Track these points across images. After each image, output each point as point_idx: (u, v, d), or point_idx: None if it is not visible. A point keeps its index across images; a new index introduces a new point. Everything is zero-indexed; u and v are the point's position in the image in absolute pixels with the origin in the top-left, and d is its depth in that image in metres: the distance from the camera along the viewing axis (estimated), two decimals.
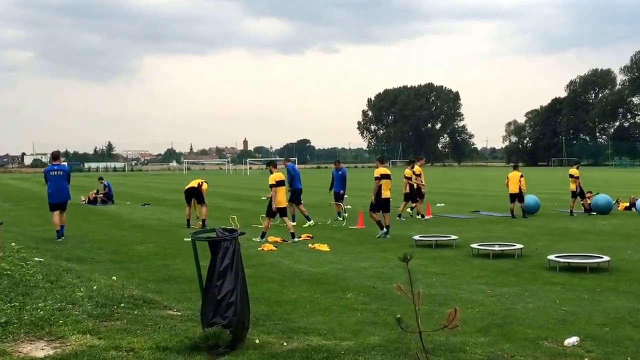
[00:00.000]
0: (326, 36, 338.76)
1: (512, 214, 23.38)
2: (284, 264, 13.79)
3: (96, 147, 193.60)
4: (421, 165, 24.91)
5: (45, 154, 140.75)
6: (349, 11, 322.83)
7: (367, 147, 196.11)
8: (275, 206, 17.56)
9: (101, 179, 35.84)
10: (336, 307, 9.50)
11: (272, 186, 17.54)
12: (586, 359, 6.87)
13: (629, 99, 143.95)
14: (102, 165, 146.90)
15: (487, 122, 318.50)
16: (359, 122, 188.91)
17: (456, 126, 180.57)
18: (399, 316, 5.06)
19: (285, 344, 7.17)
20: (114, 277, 11.27)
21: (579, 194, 25.01)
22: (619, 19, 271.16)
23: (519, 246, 14.68)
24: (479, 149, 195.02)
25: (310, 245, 16.41)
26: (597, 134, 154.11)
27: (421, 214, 23.50)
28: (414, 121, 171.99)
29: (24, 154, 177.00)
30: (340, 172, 23.95)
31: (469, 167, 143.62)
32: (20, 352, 6.48)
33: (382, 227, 18.02)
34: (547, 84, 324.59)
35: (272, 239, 17.36)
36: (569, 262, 12.66)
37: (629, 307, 9.24)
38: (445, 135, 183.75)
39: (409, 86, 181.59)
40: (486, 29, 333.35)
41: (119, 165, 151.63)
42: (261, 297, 9.99)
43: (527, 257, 14.21)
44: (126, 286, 9.90)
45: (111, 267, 13.24)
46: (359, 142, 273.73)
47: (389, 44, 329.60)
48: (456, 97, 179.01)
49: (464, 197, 33.63)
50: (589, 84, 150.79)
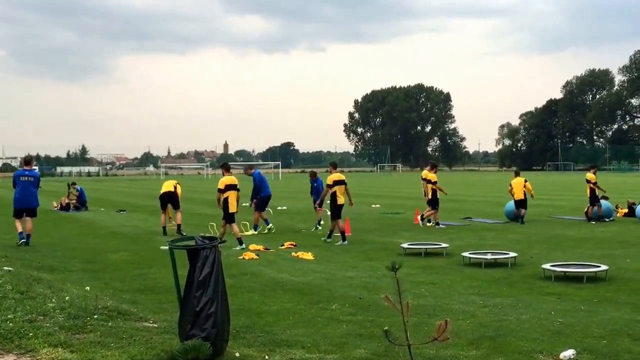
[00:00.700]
0: (312, 34, 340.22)
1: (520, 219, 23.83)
2: (266, 273, 13.77)
3: (69, 151, 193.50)
4: (435, 172, 24.97)
5: (15, 158, 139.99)
6: (336, 8, 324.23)
7: (354, 151, 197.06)
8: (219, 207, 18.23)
9: (74, 184, 35.73)
10: (320, 318, 9.48)
11: (219, 191, 18.06)
12: None
13: (628, 101, 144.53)
14: (75, 169, 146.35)
15: (479, 125, 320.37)
16: (345, 125, 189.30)
17: (447, 129, 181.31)
18: (386, 328, 5.07)
19: (267, 357, 7.16)
20: (87, 287, 11.25)
21: (592, 200, 24.80)
22: (617, 17, 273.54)
23: (513, 254, 14.69)
24: (471, 152, 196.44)
25: (293, 253, 16.38)
26: (595, 137, 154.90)
27: (436, 221, 23.51)
28: (403, 123, 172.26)
29: None
30: (315, 185, 23.78)
31: (461, 172, 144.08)
32: None
33: (330, 235, 18.90)
34: (542, 85, 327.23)
35: (253, 247, 17.33)
36: (565, 272, 12.67)
37: (627, 319, 9.26)
38: (435, 138, 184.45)
39: (397, 87, 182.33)
40: (479, 27, 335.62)
41: (93, 169, 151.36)
42: (242, 308, 9.97)
43: (521, 266, 14.22)
44: (100, 297, 9.87)
45: (84, 277, 13.17)
46: (345, 145, 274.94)
47: (377, 43, 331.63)
48: (447, 98, 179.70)
49: (455, 202, 33.65)
50: (586, 84, 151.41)
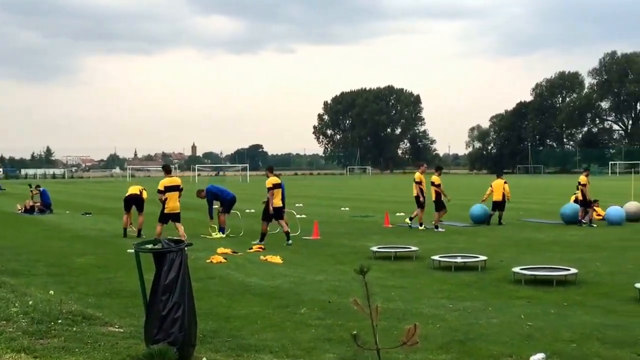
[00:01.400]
0: (281, 35, 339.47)
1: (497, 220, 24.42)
2: (234, 277, 13.73)
3: (34, 153, 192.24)
4: (422, 172, 25.05)
5: None
6: (306, 9, 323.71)
7: (324, 153, 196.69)
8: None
9: (38, 186, 35.36)
10: (289, 322, 9.49)
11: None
12: None
13: (597, 104, 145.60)
14: (40, 171, 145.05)
15: (449, 127, 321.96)
16: (315, 127, 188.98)
17: (417, 131, 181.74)
18: (355, 332, 5.07)
19: None
20: (52, 292, 11.16)
21: (584, 203, 24.84)
22: (587, 20, 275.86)
23: (483, 258, 14.77)
24: (441, 155, 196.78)
25: (262, 257, 16.35)
26: (565, 140, 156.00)
27: (420, 223, 23.74)
28: (373, 125, 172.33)
29: None
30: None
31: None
32: None
33: (262, 239, 19.20)
34: (512, 87, 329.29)
35: (221, 250, 17.28)
36: (534, 275, 12.76)
37: (597, 323, 9.34)
38: (405, 140, 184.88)
39: (367, 89, 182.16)
40: (450, 28, 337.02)
41: (58, 171, 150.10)
42: (209, 313, 9.94)
43: (491, 269, 14.30)
44: (64, 301, 9.80)
45: (48, 281, 13.07)
46: (314, 147, 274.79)
47: (347, 44, 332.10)
48: (417, 100, 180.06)
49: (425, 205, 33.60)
50: (555, 87, 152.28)
